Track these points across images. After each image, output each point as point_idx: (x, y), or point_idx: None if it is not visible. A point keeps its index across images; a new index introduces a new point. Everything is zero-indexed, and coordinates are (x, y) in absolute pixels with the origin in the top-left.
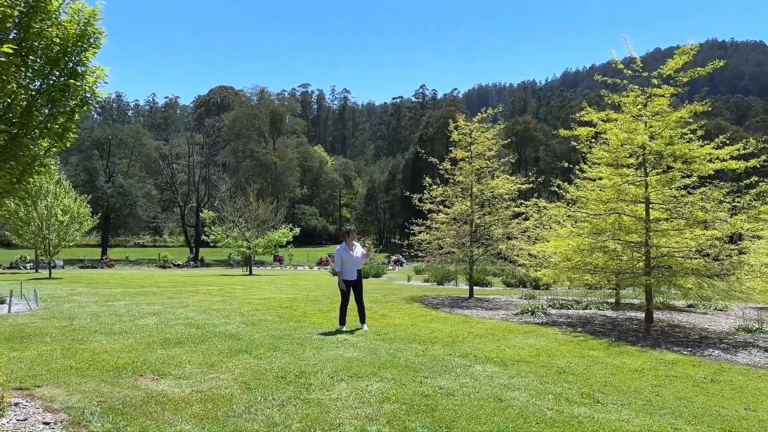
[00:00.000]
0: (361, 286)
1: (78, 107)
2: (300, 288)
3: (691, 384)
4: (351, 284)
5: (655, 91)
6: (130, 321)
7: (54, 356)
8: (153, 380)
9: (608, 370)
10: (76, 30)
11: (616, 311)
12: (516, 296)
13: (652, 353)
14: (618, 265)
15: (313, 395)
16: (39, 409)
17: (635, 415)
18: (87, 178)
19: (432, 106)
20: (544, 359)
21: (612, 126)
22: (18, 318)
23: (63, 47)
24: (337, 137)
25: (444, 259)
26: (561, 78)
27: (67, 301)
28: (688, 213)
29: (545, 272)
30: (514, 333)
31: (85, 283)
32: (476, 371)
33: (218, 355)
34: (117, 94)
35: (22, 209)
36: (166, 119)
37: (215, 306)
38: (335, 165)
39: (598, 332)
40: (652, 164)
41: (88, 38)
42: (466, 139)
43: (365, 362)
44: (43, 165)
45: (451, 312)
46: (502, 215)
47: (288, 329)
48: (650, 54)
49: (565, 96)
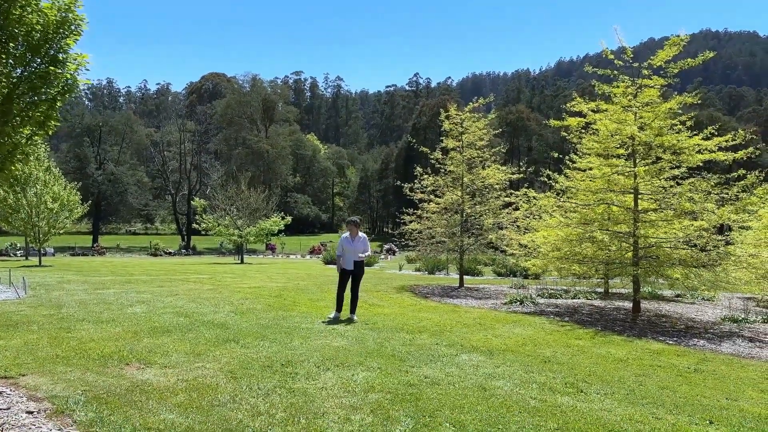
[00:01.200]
0: (359, 278)
1: (60, 95)
2: (291, 277)
3: (674, 374)
4: (349, 274)
5: (645, 82)
6: (119, 309)
7: (40, 345)
8: (139, 369)
9: (593, 360)
10: (57, 16)
11: (605, 301)
12: (506, 286)
13: (637, 343)
14: (606, 255)
15: (298, 384)
16: (23, 398)
17: (618, 404)
18: (77, 165)
19: (426, 95)
20: (530, 348)
21: (602, 117)
22: (5, 306)
23: (44, 34)
24: (331, 125)
25: (435, 248)
26: (555, 67)
27: (56, 288)
28: (676, 204)
29: (534, 262)
30: (501, 322)
31: (75, 270)
32: (462, 360)
33: (205, 344)
34: (108, 81)
35: (11, 196)
36: (158, 106)
37: (205, 294)
38: (328, 153)
39: (586, 322)
40: (641, 155)
41: (69, 25)
42: (457, 128)
43: (352, 351)
44: (24, 153)
45: (440, 301)
46: (493, 205)
47: (277, 318)
48: (644, 44)
49: (559, 85)
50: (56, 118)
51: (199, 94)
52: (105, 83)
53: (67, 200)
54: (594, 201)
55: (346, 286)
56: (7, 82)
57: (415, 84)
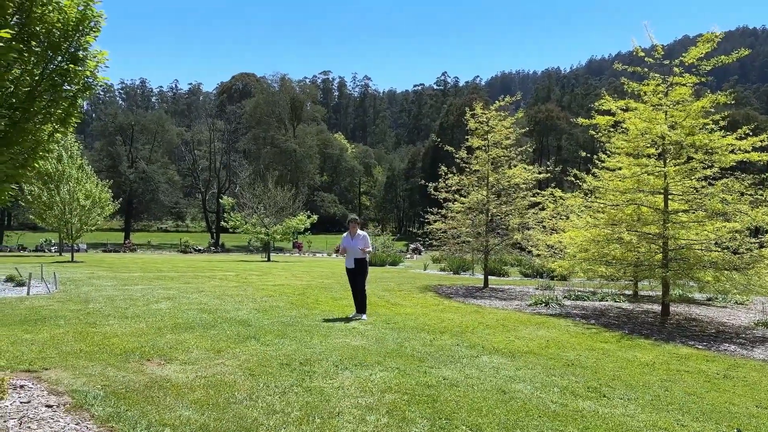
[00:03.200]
0: (360, 277)
1: (80, 92)
2: (315, 275)
3: (702, 379)
4: (350, 272)
5: (676, 80)
6: (144, 305)
7: (65, 339)
8: (159, 365)
9: (618, 364)
10: (76, 13)
11: (633, 303)
12: (532, 287)
13: (665, 347)
14: (635, 256)
15: (315, 383)
16: (44, 392)
17: (641, 410)
18: (110, 164)
19: (454, 94)
20: (553, 351)
21: (631, 115)
22: (36, 300)
23: (64, 32)
24: (358, 125)
25: (459, 248)
26: (586, 65)
27: (86, 284)
28: (708, 205)
29: (561, 263)
30: (525, 324)
31: (106, 267)
32: (483, 362)
33: (226, 341)
34: (141, 81)
35: (45, 194)
36: (189, 106)
37: (229, 292)
38: (355, 152)
39: (612, 325)
40: (672, 155)
41: (88, 22)
42: (482, 127)
43: (371, 351)
44: (47, 150)
45: (464, 302)
46: (519, 205)
47: (298, 316)
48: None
49: (590, 84)
50: (77, 115)
51: (229, 94)
52: (138, 83)
53: (99, 197)
54: (623, 201)
55: (355, 286)
56: (30, 80)
57: (443, 83)
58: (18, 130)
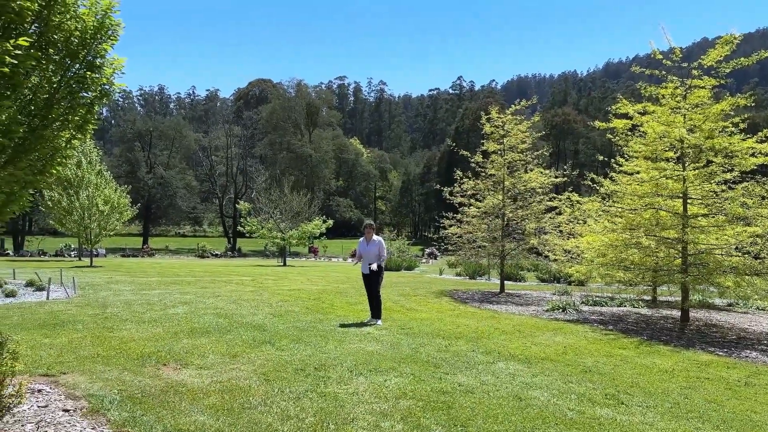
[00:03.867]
0: (374, 282)
1: (97, 99)
2: (330, 280)
3: (723, 387)
4: (366, 277)
5: (695, 82)
6: (161, 310)
7: (83, 344)
8: (175, 370)
9: (636, 371)
10: (94, 22)
11: (652, 309)
12: (549, 292)
13: (684, 353)
14: (654, 261)
15: (330, 389)
16: (61, 396)
17: (660, 418)
18: (129, 169)
19: (469, 98)
20: (570, 357)
21: (649, 119)
22: (55, 305)
23: (82, 39)
24: (373, 129)
25: (475, 253)
26: (603, 68)
27: (104, 289)
28: (728, 209)
29: (578, 268)
30: (542, 330)
31: (124, 271)
32: (498, 368)
33: (242, 346)
34: (159, 87)
35: (65, 199)
36: (207, 112)
37: (245, 296)
38: (371, 157)
39: (630, 330)
40: (691, 158)
41: (106, 30)
42: (498, 131)
43: (386, 356)
44: (64, 156)
45: (479, 307)
46: (535, 209)
47: (313, 321)
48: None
49: (608, 87)
50: (94, 121)
51: (246, 100)
52: (156, 90)
53: (117, 203)
54: (641, 205)
55: (370, 291)
56: (48, 87)
57: (459, 87)
58: (36, 137)
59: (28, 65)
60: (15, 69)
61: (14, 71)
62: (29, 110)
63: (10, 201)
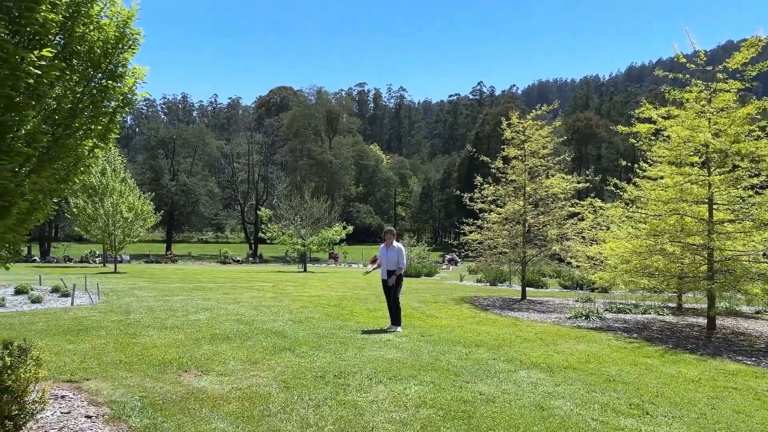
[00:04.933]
0: (394, 288)
1: (119, 108)
2: (350, 286)
3: (751, 397)
4: (385, 283)
5: (720, 86)
6: (183, 316)
7: (106, 350)
8: (196, 376)
9: (662, 380)
10: (115, 32)
11: (677, 316)
12: (571, 299)
13: (711, 362)
14: (679, 268)
15: (349, 397)
16: (84, 402)
17: (686, 429)
18: (153, 176)
19: (490, 104)
20: (593, 366)
21: (673, 123)
22: (79, 311)
23: (104, 49)
24: (393, 135)
25: (496, 259)
26: (626, 73)
27: (128, 295)
28: (755, 214)
29: (601, 275)
30: (564, 338)
31: (148, 277)
32: (520, 377)
33: (262, 353)
34: (183, 96)
35: (90, 206)
36: (229, 119)
37: (266, 302)
38: (391, 163)
39: (655, 338)
40: (716, 163)
41: (127, 40)
42: (519, 136)
43: (406, 364)
44: (87, 165)
45: (500, 314)
46: (557, 215)
47: (333, 327)
48: (722, 46)
49: (630, 91)
50: (116, 130)
51: (267, 107)
52: (180, 98)
53: (141, 210)
54: (665, 211)
55: (389, 297)
56: (72, 97)
57: (479, 93)
58: (59, 146)
59: (52, 76)
60: (39, 79)
61: (38, 82)
62: (53, 120)
63: (34, 209)
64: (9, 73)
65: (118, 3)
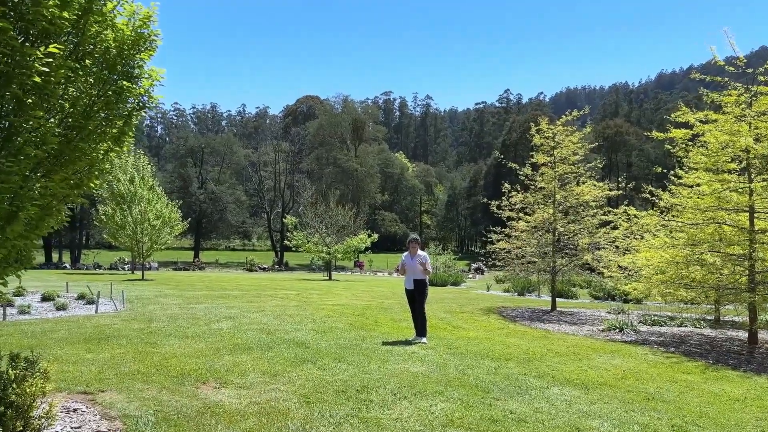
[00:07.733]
0: (420, 298)
1: (135, 111)
2: (375, 295)
3: None
4: (409, 293)
5: (761, 89)
6: (206, 325)
7: (125, 359)
8: (214, 389)
9: (704, 398)
10: (132, 33)
11: (716, 330)
12: (603, 310)
13: (756, 380)
14: (717, 279)
15: (372, 414)
16: (96, 416)
17: None
18: (181, 185)
19: (516, 111)
20: (630, 383)
21: (711, 128)
22: (102, 319)
23: (119, 50)
24: (419, 144)
25: (525, 268)
26: (656, 80)
27: (152, 302)
28: None
29: (635, 286)
30: (598, 352)
31: (174, 285)
32: (553, 394)
33: (283, 364)
34: (212, 105)
35: (118, 214)
36: (256, 128)
37: (290, 311)
38: (416, 171)
39: (694, 353)
40: (757, 169)
41: (144, 41)
42: (548, 143)
43: (432, 379)
44: (101, 170)
45: (530, 326)
46: (588, 224)
47: (357, 338)
48: (755, 53)
49: (660, 98)
50: (131, 134)
51: (294, 116)
52: (209, 108)
53: (168, 217)
54: (703, 220)
55: (414, 307)
56: (87, 100)
57: (506, 100)
58: (72, 149)
59: (61, 74)
60: (47, 77)
61: (46, 80)
62: (67, 122)
63: (46, 215)
64: (15, 69)
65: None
